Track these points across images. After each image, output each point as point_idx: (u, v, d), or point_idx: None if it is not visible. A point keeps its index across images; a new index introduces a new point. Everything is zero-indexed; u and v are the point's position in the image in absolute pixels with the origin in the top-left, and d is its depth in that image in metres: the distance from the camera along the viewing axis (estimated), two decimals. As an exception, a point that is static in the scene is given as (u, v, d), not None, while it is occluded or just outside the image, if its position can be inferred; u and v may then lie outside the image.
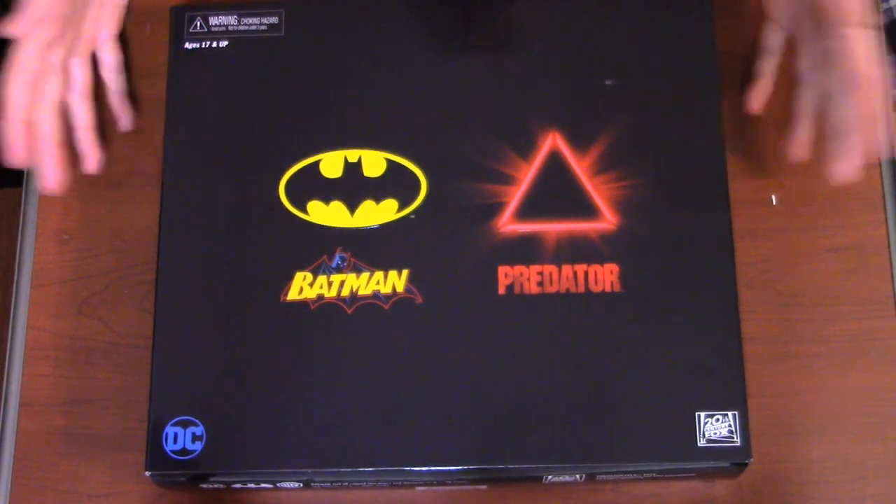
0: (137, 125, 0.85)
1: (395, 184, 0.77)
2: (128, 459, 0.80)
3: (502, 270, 0.75)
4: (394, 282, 0.75)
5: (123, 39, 0.86)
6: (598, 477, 0.75)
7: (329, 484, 0.76)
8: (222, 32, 0.80)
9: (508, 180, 0.76)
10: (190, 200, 0.77)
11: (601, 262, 0.75)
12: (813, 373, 0.80)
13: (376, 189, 0.77)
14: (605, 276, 0.75)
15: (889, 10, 0.99)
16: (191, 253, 0.76)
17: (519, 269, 0.75)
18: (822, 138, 0.76)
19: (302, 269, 0.75)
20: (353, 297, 0.75)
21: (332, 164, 0.77)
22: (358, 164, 0.77)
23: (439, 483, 0.76)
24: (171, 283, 0.76)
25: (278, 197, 0.76)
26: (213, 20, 0.80)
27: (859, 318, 0.81)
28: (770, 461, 0.78)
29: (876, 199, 0.83)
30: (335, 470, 0.73)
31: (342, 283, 0.75)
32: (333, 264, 0.75)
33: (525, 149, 0.77)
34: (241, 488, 0.76)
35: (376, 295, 0.75)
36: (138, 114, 0.85)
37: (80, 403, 0.81)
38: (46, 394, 0.82)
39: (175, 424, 0.73)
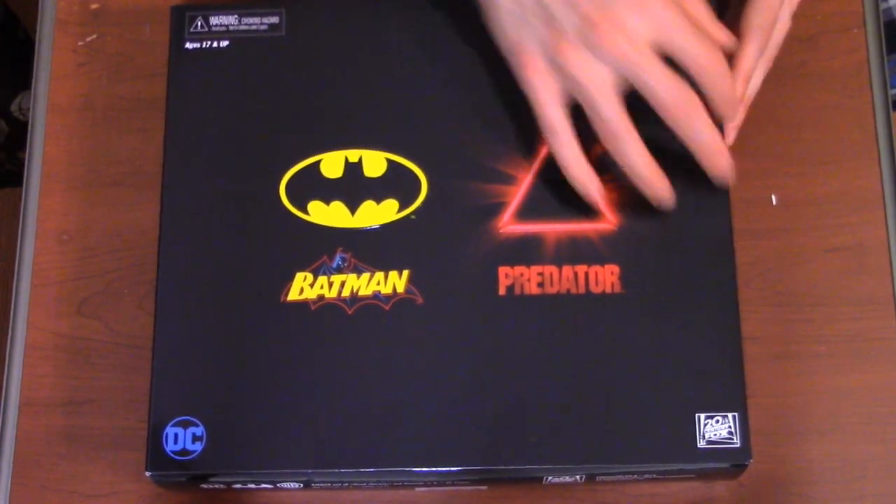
0: (137, 125, 0.86)
1: (395, 184, 0.77)
2: (128, 459, 0.80)
3: (503, 271, 0.75)
4: (394, 282, 0.75)
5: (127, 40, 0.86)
6: (598, 478, 0.75)
7: (329, 484, 0.76)
8: (223, 32, 0.80)
9: (509, 180, 0.76)
10: (190, 200, 0.77)
11: (602, 262, 0.75)
12: (813, 373, 0.80)
13: (377, 189, 0.76)
14: (606, 277, 0.75)
15: (889, 9, 0.99)
16: (191, 253, 0.76)
17: (519, 269, 0.75)
18: None
19: (302, 269, 0.75)
20: (354, 297, 0.75)
21: (332, 164, 0.77)
22: (358, 164, 0.77)
23: (439, 483, 0.76)
24: (172, 283, 0.76)
25: (279, 197, 0.76)
26: (213, 20, 0.80)
27: (859, 318, 0.81)
28: (770, 461, 0.78)
29: (876, 199, 0.83)
30: (336, 470, 0.73)
31: (343, 284, 0.75)
32: (334, 265, 0.75)
33: (526, 148, 0.77)
34: (242, 488, 0.76)
35: (377, 295, 0.75)
36: (139, 114, 0.86)
37: (80, 403, 0.81)
38: (46, 394, 0.82)
39: (175, 425, 0.73)
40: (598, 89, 0.70)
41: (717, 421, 0.72)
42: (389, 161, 0.77)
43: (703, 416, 0.72)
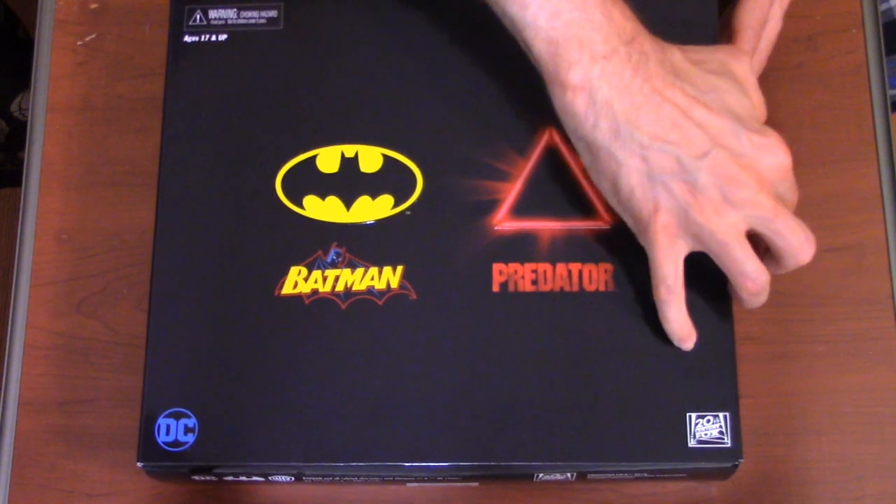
0: (136, 125, 0.86)
1: (391, 179, 0.77)
2: (127, 458, 0.80)
3: (497, 268, 0.75)
4: (388, 278, 0.75)
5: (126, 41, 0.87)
6: (589, 476, 0.74)
7: (320, 478, 0.75)
8: (222, 26, 0.80)
9: (504, 177, 0.76)
10: (186, 193, 0.77)
11: (595, 261, 0.75)
12: (811, 373, 0.80)
13: (372, 184, 0.77)
14: (600, 275, 0.75)
15: (889, 10, 0.99)
16: (186, 246, 0.76)
17: (513, 266, 0.75)
18: None
19: (297, 263, 0.75)
20: (348, 292, 0.75)
21: (328, 159, 0.77)
22: (354, 160, 0.77)
23: (430, 479, 0.76)
24: (166, 276, 0.76)
25: (274, 191, 0.77)
26: (212, 13, 0.80)
27: (858, 318, 0.80)
28: (768, 461, 0.78)
29: (875, 199, 0.83)
30: (326, 464, 0.72)
31: (337, 279, 0.75)
32: (328, 259, 0.75)
33: (522, 145, 0.77)
34: (234, 481, 0.76)
35: (370, 291, 0.75)
36: (138, 113, 0.86)
37: (79, 403, 0.82)
38: (45, 393, 0.82)
39: (167, 416, 0.73)
40: (734, 238, 0.69)
41: (709, 420, 0.72)
42: (385, 157, 0.77)
43: (694, 415, 0.72)
